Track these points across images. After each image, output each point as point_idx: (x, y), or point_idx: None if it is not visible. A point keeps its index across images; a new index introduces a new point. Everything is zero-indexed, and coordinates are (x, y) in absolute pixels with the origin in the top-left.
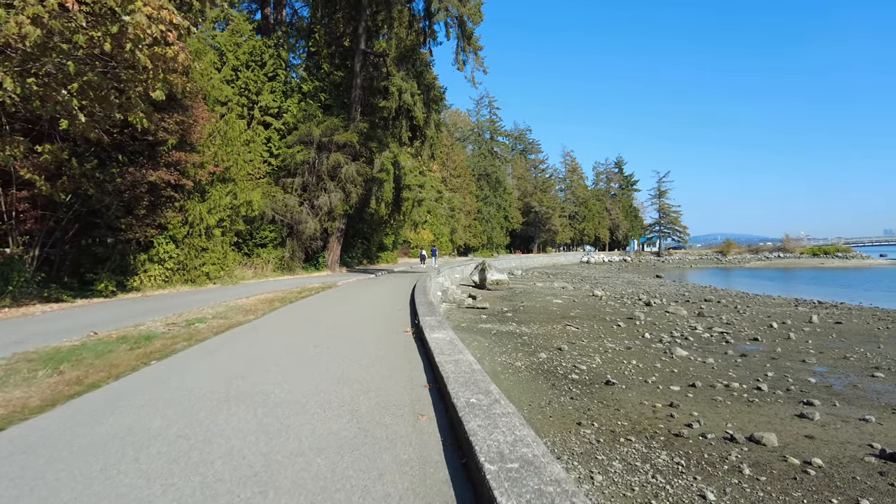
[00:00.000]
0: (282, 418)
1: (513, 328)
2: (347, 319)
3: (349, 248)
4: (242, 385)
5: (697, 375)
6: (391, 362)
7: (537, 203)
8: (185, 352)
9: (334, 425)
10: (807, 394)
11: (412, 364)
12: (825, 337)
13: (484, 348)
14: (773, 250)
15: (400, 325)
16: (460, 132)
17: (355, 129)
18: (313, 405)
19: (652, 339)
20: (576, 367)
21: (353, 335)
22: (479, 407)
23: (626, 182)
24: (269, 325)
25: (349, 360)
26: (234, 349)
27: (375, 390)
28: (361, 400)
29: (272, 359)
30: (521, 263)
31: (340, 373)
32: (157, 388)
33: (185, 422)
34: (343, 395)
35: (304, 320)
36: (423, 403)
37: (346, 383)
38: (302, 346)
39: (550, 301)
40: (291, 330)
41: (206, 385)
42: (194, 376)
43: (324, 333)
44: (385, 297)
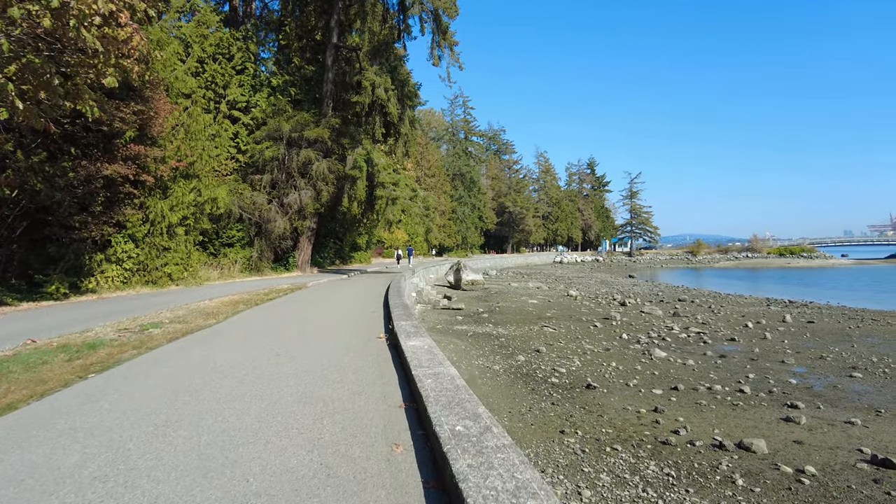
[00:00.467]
0: (228, 449)
1: (489, 329)
2: (315, 324)
3: (321, 248)
4: (189, 404)
5: (679, 378)
6: (362, 376)
7: (511, 203)
8: (131, 362)
9: (291, 460)
10: (789, 396)
11: (386, 378)
12: (800, 336)
13: (460, 351)
14: (742, 250)
15: (372, 330)
16: (434, 132)
17: (327, 125)
18: (268, 431)
19: (630, 339)
20: (555, 370)
21: (320, 342)
22: (468, 437)
23: (598, 183)
24: (230, 330)
25: (314, 374)
26: (188, 359)
27: (342, 412)
28: (326, 424)
29: (228, 370)
30: (496, 263)
31: (303, 389)
32: (85, 409)
33: (108, 456)
34: (304, 417)
35: (269, 325)
36: (398, 429)
37: (309, 402)
38: (263, 356)
39: (526, 301)
40: (253, 336)
41: (145, 405)
42: (134, 393)
43: (288, 340)
44: (357, 298)
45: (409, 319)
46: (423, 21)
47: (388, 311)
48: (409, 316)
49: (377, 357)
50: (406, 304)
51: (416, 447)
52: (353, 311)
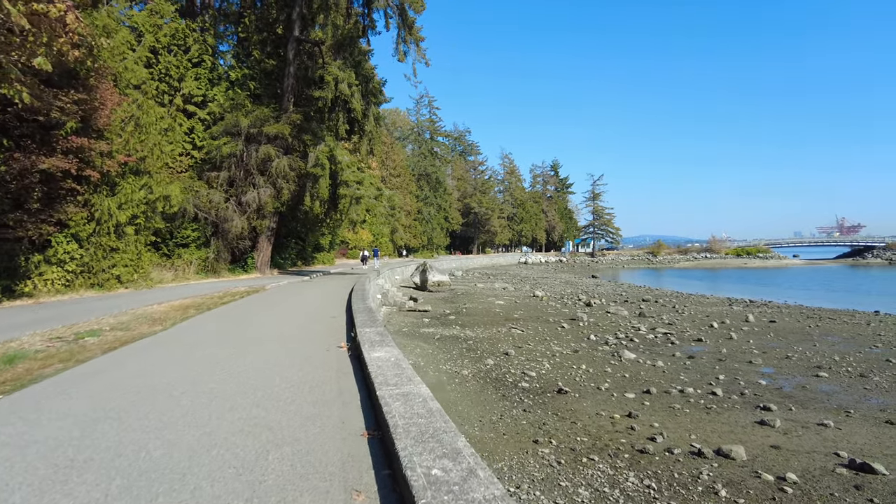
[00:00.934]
0: (145, 500)
1: (457, 332)
2: (271, 331)
3: (281, 249)
4: (108, 435)
5: (650, 380)
6: (318, 394)
7: (477, 204)
8: (51, 380)
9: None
10: (760, 397)
11: (346, 397)
12: (764, 336)
13: (427, 355)
14: (701, 251)
15: (333, 337)
16: (400, 131)
17: (287, 121)
18: (199, 472)
19: (598, 341)
20: (525, 373)
21: (274, 353)
22: (447, 485)
23: (562, 185)
24: (176, 338)
25: (263, 392)
26: (121, 374)
27: (293, 442)
28: (271, 461)
29: (165, 388)
30: (462, 264)
31: (249, 412)
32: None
33: None
34: (246, 451)
35: (219, 332)
36: (360, 468)
37: (253, 431)
38: (208, 369)
39: (493, 302)
40: (201, 345)
41: (54, 436)
42: (43, 421)
43: (239, 350)
44: (318, 302)
45: (374, 326)
46: (389, 16)
47: (351, 317)
48: (373, 322)
49: (337, 371)
50: (370, 308)
51: (381, 494)
52: (312, 317)
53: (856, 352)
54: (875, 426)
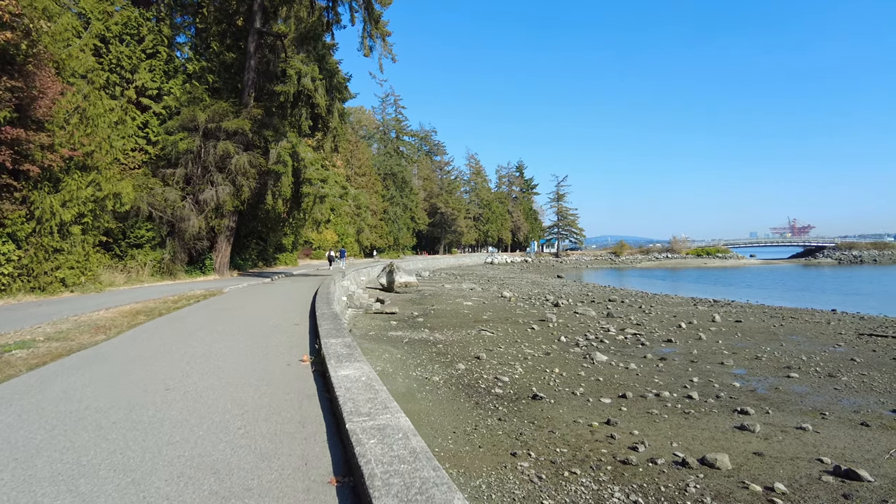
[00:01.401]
0: None
1: (426, 335)
2: (225, 342)
3: (242, 250)
4: (3, 490)
5: (625, 384)
6: (276, 424)
7: (443, 204)
8: None
9: None
10: (736, 400)
11: (309, 428)
12: (731, 336)
13: (396, 361)
14: (663, 251)
15: (295, 349)
16: (364, 130)
17: (248, 116)
18: None
19: (568, 343)
20: (498, 379)
21: (227, 368)
22: None
23: (527, 185)
24: (119, 350)
25: (211, 421)
26: (41, 398)
27: (242, 494)
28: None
29: (92, 417)
30: (428, 265)
31: (191, 448)
32: None
33: None
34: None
35: (168, 343)
36: None
37: (195, 476)
38: (148, 390)
39: (461, 304)
40: (147, 359)
41: None
42: None
43: (187, 366)
44: (279, 306)
45: (340, 336)
46: (354, 10)
47: (315, 324)
48: (339, 331)
49: (299, 393)
50: (336, 313)
51: None
52: (273, 324)
53: (821, 351)
54: (851, 429)
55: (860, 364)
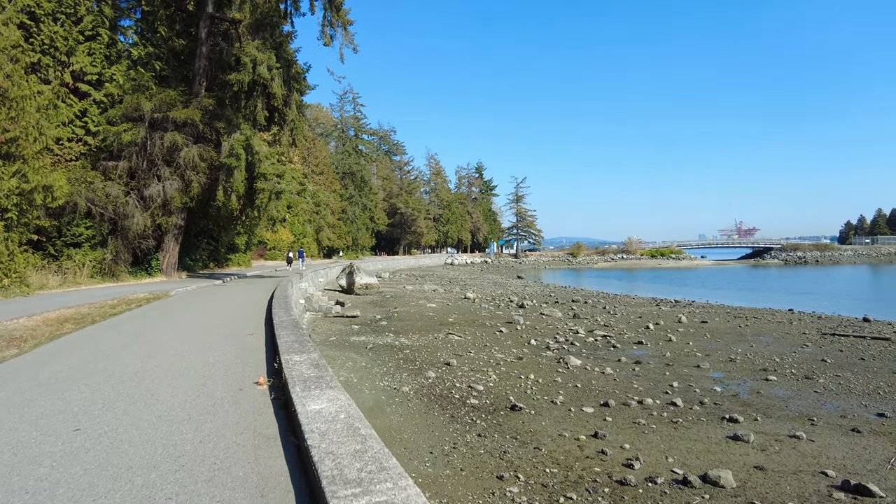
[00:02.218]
0: None
1: (390, 340)
2: (165, 356)
3: (191, 250)
4: None
5: (605, 390)
6: (222, 491)
7: (403, 204)
8: None
9: None
10: (721, 407)
11: (271, 495)
12: (701, 338)
13: (361, 369)
14: (618, 252)
15: (248, 367)
16: (322, 128)
17: (198, 106)
18: None
19: (539, 346)
20: (472, 387)
21: (162, 395)
22: None
23: (486, 186)
24: (28, 369)
25: (130, 486)
26: None
27: None
28: None
29: None
30: (388, 265)
31: None
32: None
33: None
34: None
35: (95, 358)
36: None
37: None
38: (50, 432)
39: (425, 306)
40: (60, 381)
41: None
42: None
43: (112, 391)
44: (232, 311)
45: (305, 351)
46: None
47: (273, 335)
48: (302, 343)
49: (255, 434)
50: (296, 321)
51: None
52: (223, 333)
53: (791, 352)
54: (843, 436)
55: (832, 365)
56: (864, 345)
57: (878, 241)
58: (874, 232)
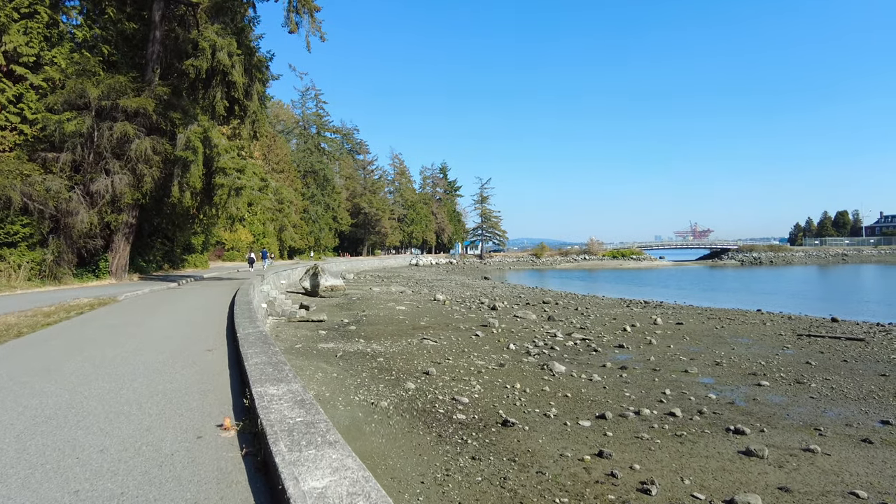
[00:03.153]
0: None
1: (361, 347)
2: (100, 383)
3: (145, 250)
4: None
5: (597, 400)
6: None
7: (367, 204)
8: None
9: None
10: (721, 416)
11: None
12: (680, 340)
13: (332, 381)
14: (580, 253)
15: (208, 400)
16: (283, 125)
17: (152, 95)
18: None
19: (519, 351)
20: (456, 400)
21: (89, 447)
22: None
23: (451, 187)
24: None
25: None
26: None
27: None
28: None
29: None
30: (352, 266)
31: None
32: None
33: None
34: None
35: (4, 388)
36: None
37: None
38: None
39: (394, 308)
40: None
41: None
42: None
43: (15, 442)
44: (187, 320)
45: (284, 380)
46: None
47: (238, 353)
48: (278, 368)
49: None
50: (265, 335)
51: None
52: (175, 349)
53: (773, 354)
54: (856, 448)
55: (818, 368)
56: (841, 346)
57: (826, 243)
58: (821, 234)
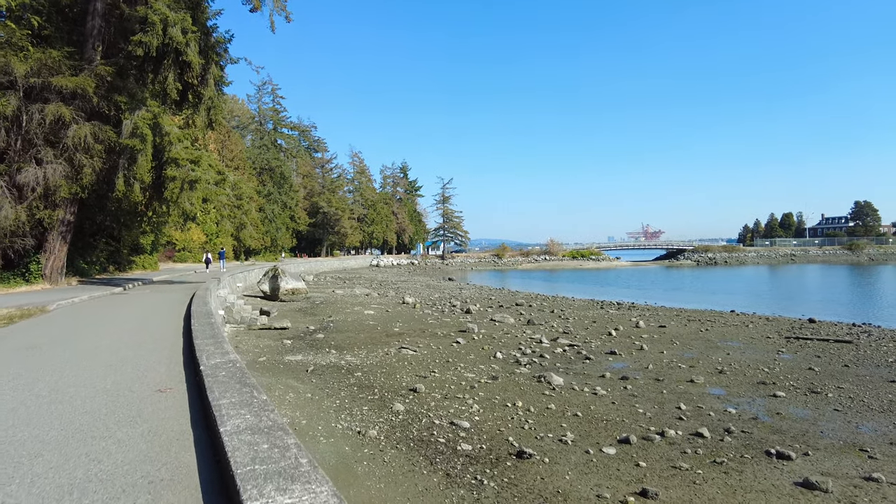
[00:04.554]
0: None
1: (334, 359)
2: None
3: (86, 251)
4: None
5: (610, 419)
6: None
7: (326, 203)
8: None
9: None
10: (751, 436)
11: None
12: (670, 345)
13: (307, 403)
14: (541, 254)
15: (164, 473)
16: (237, 120)
17: (92, 74)
18: None
19: (507, 360)
20: (455, 424)
21: None
22: None
23: (411, 187)
24: None
25: None
26: None
27: None
28: None
29: None
30: (311, 268)
31: None
32: None
33: None
34: None
35: None
36: None
37: None
38: None
39: (362, 312)
40: None
41: None
42: None
43: None
44: (132, 339)
45: (299, 478)
46: None
47: (204, 398)
48: (260, 417)
49: None
50: (240, 368)
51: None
52: (114, 388)
53: (772, 360)
54: None
55: (823, 374)
56: (835, 349)
57: (775, 244)
58: (769, 235)
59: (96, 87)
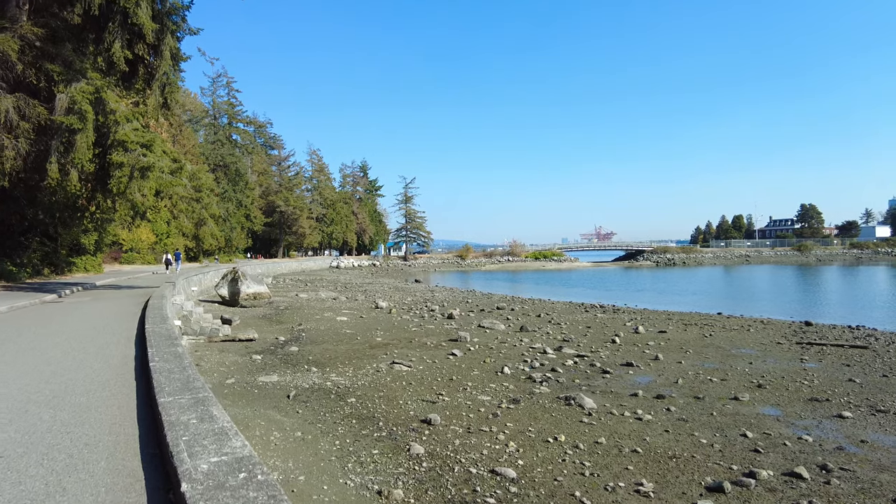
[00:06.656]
0: None
1: (317, 379)
2: None
3: (14, 251)
4: None
5: (678, 456)
6: None
7: (283, 202)
8: None
9: None
10: (856, 475)
11: None
12: (683, 353)
13: (298, 446)
14: (504, 255)
15: None
16: (189, 114)
17: (15, 35)
18: None
19: (518, 376)
20: (498, 474)
21: None
22: None
23: (372, 186)
24: None
25: None
26: None
27: None
28: None
29: None
30: (269, 270)
31: None
32: None
33: None
34: None
35: None
36: None
37: None
38: None
39: (334, 319)
40: None
41: None
42: None
43: None
44: (65, 372)
45: None
46: None
47: (164, 454)
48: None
49: None
50: (234, 431)
51: None
52: (45, 449)
53: (800, 370)
54: None
55: (869, 388)
56: (857, 356)
57: (731, 245)
58: (723, 236)
59: (21, 50)
